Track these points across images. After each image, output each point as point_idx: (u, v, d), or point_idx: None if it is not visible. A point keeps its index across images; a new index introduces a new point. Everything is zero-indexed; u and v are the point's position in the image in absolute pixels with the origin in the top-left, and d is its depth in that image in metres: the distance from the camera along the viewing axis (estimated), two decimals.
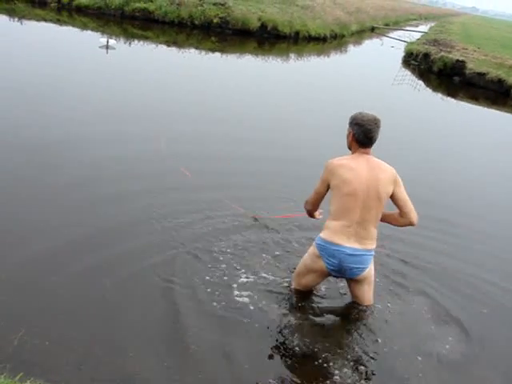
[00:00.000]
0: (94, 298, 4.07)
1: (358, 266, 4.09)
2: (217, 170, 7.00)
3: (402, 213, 4.09)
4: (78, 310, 3.90)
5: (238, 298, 4.26)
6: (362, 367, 3.76)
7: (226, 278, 4.50)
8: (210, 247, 4.96)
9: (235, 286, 4.42)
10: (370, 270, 4.19)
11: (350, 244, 4.02)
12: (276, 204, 6.13)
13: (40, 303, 3.91)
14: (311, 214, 4.51)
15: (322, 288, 4.49)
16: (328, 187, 4.14)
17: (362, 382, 3.65)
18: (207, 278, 4.46)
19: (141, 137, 7.81)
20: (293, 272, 4.61)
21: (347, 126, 4.08)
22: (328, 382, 3.59)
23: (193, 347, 3.68)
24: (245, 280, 4.53)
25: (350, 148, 4.15)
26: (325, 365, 3.72)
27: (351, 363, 3.78)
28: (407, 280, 4.98)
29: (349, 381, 3.62)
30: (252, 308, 4.18)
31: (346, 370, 3.71)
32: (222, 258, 4.79)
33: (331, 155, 4.14)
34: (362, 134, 3.99)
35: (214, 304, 4.14)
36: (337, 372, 3.67)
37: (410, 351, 4.02)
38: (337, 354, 3.84)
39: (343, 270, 4.11)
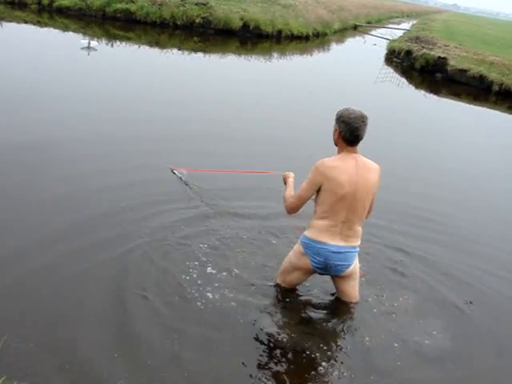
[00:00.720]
0: (76, 299, 4.05)
1: (343, 263, 4.12)
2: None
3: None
4: (61, 312, 3.88)
5: (218, 296, 4.26)
6: (347, 361, 3.80)
7: (204, 274, 4.52)
8: (184, 242, 4.99)
9: (214, 282, 4.43)
10: (354, 267, 4.23)
11: (334, 242, 4.04)
12: None
13: (23, 306, 3.88)
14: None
15: (307, 284, 4.50)
16: (317, 190, 4.04)
17: (345, 374, 3.68)
18: (187, 277, 4.45)
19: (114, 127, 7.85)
20: (266, 266, 4.71)
21: (333, 122, 4.04)
22: (313, 375, 3.63)
23: (177, 347, 3.68)
24: (222, 275, 4.55)
25: (336, 145, 4.10)
26: (310, 359, 3.75)
27: (336, 358, 3.82)
28: (396, 273, 5.04)
29: (334, 375, 3.66)
30: (234, 304, 4.20)
31: (330, 364, 3.74)
32: (199, 255, 4.80)
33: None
34: (349, 132, 3.94)
35: (198, 304, 4.14)
36: (323, 364, 3.72)
37: (394, 345, 4.04)
38: (322, 349, 3.87)
39: (328, 268, 4.13)
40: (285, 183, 4.48)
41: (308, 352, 3.80)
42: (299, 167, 4.62)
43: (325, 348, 3.88)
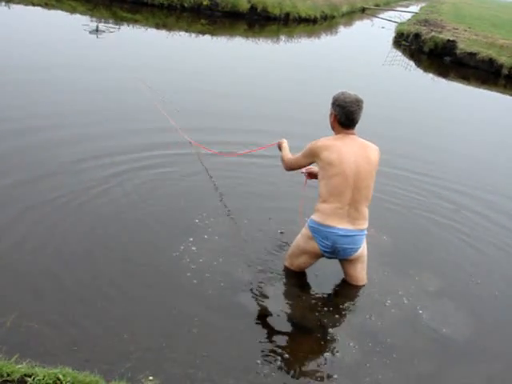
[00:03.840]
0: (86, 278, 4.08)
1: (351, 247, 4.13)
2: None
3: None
4: (70, 291, 3.92)
5: (223, 277, 4.30)
6: (354, 342, 3.83)
7: (211, 254, 4.57)
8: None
9: (220, 260, 4.50)
10: (362, 250, 4.25)
11: (342, 225, 4.05)
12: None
13: (31, 285, 3.92)
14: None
15: (316, 266, 4.51)
16: (311, 163, 4.28)
17: (349, 355, 3.71)
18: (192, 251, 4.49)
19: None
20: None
21: (329, 106, 4.11)
22: (320, 356, 3.66)
23: (190, 328, 3.71)
24: (224, 245, 4.68)
25: (332, 129, 4.17)
26: (317, 340, 3.80)
27: (344, 339, 3.85)
28: (421, 247, 5.15)
29: (338, 355, 3.70)
30: (242, 283, 4.26)
31: (338, 345, 3.78)
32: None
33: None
34: (344, 116, 4.00)
35: (206, 285, 4.17)
36: (330, 347, 3.75)
37: (402, 327, 4.09)
38: (330, 331, 3.91)
39: (337, 251, 4.15)
40: (279, 149, 4.75)
41: (314, 336, 3.85)
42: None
43: (332, 330, 3.92)
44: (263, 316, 3.96)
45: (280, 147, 4.77)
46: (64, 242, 4.48)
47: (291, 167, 4.51)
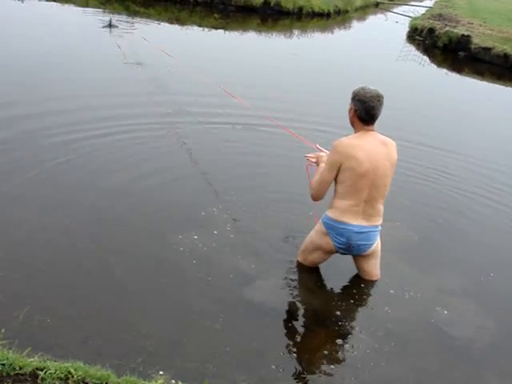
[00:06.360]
0: (97, 272, 4.10)
1: (365, 243, 4.12)
2: None
3: None
4: (82, 286, 3.93)
5: (235, 273, 4.30)
6: (366, 338, 3.82)
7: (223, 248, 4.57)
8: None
9: (235, 256, 4.50)
10: (376, 245, 4.23)
11: (357, 222, 4.03)
12: None
13: (43, 279, 3.93)
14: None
15: (329, 262, 4.49)
16: (338, 170, 3.97)
17: (361, 350, 3.70)
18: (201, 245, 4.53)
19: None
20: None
21: (349, 100, 4.02)
22: (331, 352, 3.65)
23: (202, 323, 3.72)
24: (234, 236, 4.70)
25: (352, 124, 4.08)
26: (329, 336, 3.78)
27: (356, 335, 3.85)
28: (430, 252, 5.07)
29: (350, 350, 3.68)
30: (258, 282, 4.23)
31: (350, 341, 3.77)
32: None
33: None
34: (364, 111, 3.91)
35: (219, 281, 4.16)
36: (342, 343, 3.74)
37: (414, 323, 4.07)
38: (342, 326, 3.90)
39: (351, 248, 4.14)
40: (316, 164, 4.36)
41: (327, 331, 3.85)
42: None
43: (345, 324, 3.92)
44: (276, 311, 3.95)
45: (318, 162, 4.36)
46: (74, 236, 4.50)
47: (320, 193, 4.14)
